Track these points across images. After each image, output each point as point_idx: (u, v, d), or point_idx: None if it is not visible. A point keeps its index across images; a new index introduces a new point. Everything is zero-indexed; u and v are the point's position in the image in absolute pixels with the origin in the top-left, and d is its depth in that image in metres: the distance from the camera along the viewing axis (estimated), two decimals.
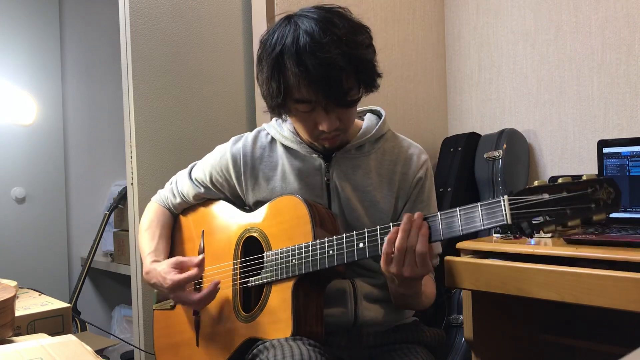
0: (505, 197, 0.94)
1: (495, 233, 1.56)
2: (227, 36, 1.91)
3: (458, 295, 1.80)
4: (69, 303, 1.97)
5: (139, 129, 1.72)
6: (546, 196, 0.91)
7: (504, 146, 2.02)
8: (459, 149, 2.12)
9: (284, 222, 1.17)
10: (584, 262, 1.25)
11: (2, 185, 2.57)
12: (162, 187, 1.46)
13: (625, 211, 1.59)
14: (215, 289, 1.19)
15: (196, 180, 1.35)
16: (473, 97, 2.33)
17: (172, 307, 1.35)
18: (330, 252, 1.08)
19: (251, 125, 1.95)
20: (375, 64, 1.14)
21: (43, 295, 1.44)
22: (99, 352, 2.12)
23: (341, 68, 1.05)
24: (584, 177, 0.92)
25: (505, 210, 0.93)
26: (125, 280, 2.28)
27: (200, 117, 1.85)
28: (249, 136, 1.30)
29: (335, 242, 1.09)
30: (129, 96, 1.72)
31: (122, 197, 2.51)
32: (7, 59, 2.58)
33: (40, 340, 0.89)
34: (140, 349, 1.72)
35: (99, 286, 2.87)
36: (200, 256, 1.22)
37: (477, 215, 0.96)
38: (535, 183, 0.94)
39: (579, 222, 0.91)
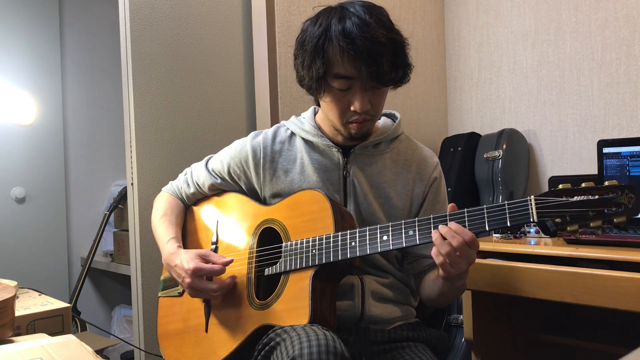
0: (532, 197, 0.98)
1: (495, 233, 1.56)
2: (227, 36, 1.91)
3: None
4: (69, 303, 1.96)
5: (139, 129, 1.72)
6: (570, 199, 0.97)
7: (504, 146, 2.02)
8: (459, 149, 2.12)
9: (304, 214, 1.19)
10: (584, 262, 1.26)
11: (2, 185, 2.57)
12: (162, 187, 1.46)
13: None
14: (232, 282, 1.22)
15: (213, 170, 1.37)
16: (473, 97, 2.32)
17: (180, 294, 1.34)
18: (353, 243, 1.10)
19: (251, 124, 1.95)
20: (409, 55, 1.20)
21: (43, 295, 1.44)
22: (99, 352, 2.12)
23: (384, 45, 1.12)
24: (606, 183, 0.97)
25: (532, 209, 0.98)
26: (125, 280, 2.28)
27: (200, 117, 1.85)
28: (268, 131, 1.34)
29: (358, 234, 1.11)
30: (129, 96, 1.72)
31: (122, 197, 2.51)
32: (7, 59, 2.58)
33: (40, 340, 0.89)
34: (140, 349, 1.72)
35: (99, 286, 2.87)
36: (229, 258, 1.23)
37: (504, 213, 1.00)
38: (560, 186, 0.99)
39: (600, 224, 0.96)
